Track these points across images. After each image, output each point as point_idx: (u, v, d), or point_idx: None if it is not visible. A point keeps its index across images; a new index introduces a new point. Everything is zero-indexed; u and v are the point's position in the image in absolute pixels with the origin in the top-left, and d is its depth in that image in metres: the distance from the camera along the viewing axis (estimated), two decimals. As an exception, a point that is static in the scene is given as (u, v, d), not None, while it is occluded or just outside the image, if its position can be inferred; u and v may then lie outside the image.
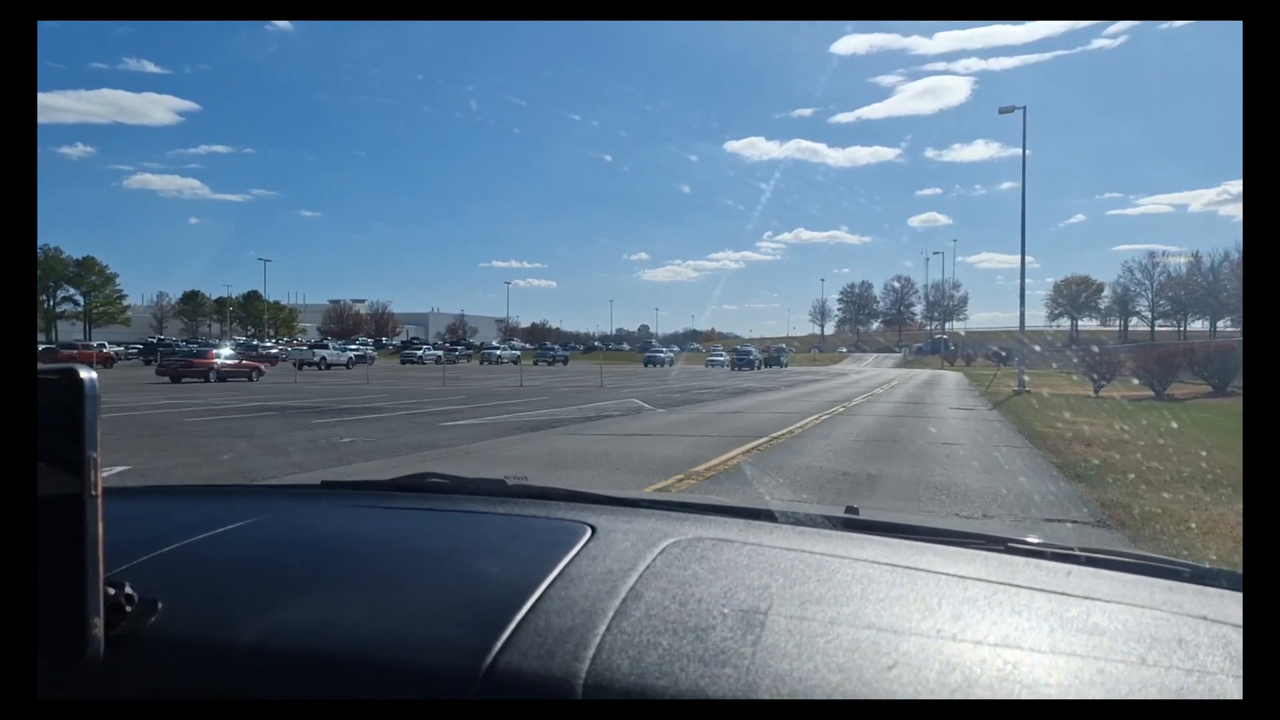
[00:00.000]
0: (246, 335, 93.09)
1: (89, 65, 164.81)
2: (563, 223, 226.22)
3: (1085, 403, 23.12)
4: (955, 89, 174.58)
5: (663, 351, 79.69)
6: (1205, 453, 9.98)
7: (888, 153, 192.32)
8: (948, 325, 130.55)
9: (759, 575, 0.96)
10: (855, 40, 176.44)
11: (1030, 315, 35.06)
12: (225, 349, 36.83)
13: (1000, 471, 9.55)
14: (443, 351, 76.80)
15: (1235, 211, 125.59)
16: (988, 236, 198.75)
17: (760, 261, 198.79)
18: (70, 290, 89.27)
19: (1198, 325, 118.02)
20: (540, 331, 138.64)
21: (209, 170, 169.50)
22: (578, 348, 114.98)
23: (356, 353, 58.58)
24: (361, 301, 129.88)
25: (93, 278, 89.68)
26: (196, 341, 60.83)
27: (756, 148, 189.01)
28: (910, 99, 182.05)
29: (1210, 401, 23.10)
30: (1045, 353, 48.85)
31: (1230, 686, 0.74)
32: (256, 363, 36.28)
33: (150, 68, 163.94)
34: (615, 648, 0.79)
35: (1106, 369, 28.75)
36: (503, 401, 21.81)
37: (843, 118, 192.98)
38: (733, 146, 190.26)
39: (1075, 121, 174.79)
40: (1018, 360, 34.01)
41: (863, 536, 1.17)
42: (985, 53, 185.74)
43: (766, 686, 0.73)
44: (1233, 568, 1.04)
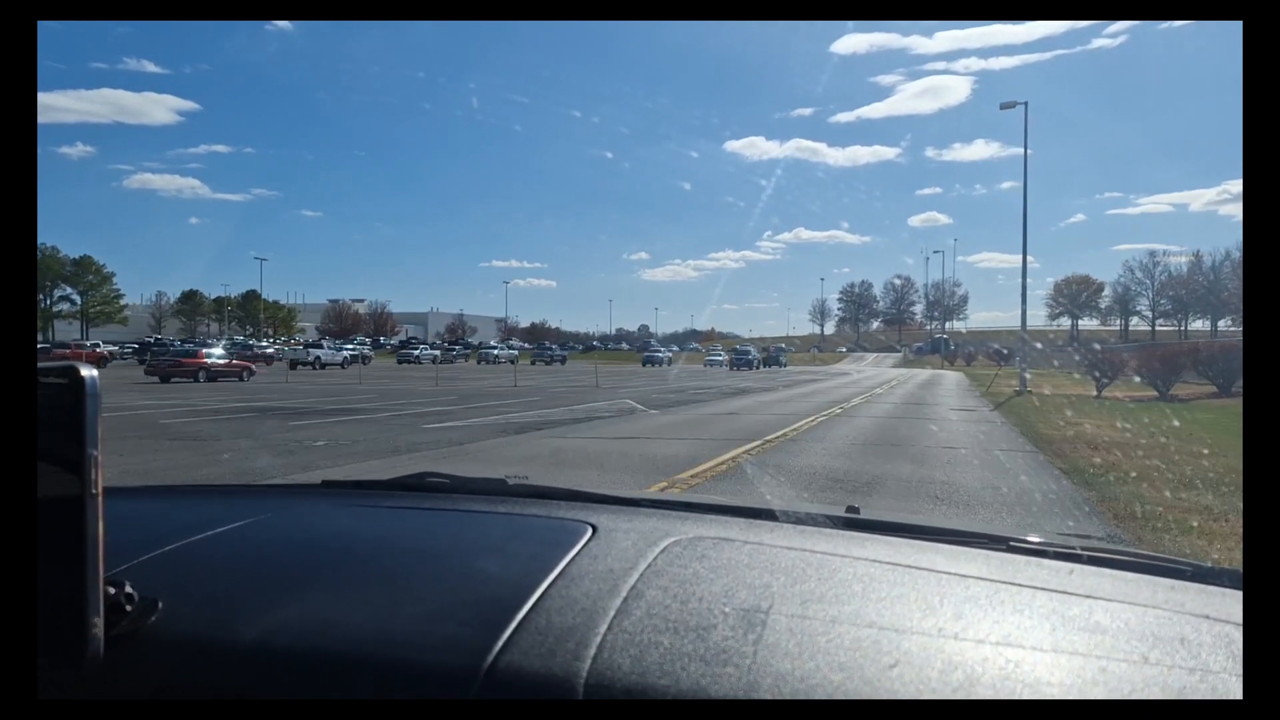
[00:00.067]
0: (245, 335, 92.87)
1: (89, 65, 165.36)
2: (563, 222, 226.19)
3: (1088, 403, 22.79)
4: (955, 88, 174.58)
5: (661, 351, 79.10)
6: (1225, 457, 9.54)
7: (888, 152, 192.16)
8: (948, 325, 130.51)
9: (760, 574, 0.96)
10: (855, 40, 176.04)
11: (1030, 315, 34.92)
12: (216, 349, 36.61)
13: (1004, 476, 9.10)
14: (440, 351, 76.90)
15: (1235, 211, 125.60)
16: (988, 236, 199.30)
17: (760, 261, 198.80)
18: (67, 289, 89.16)
19: (1198, 325, 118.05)
20: (539, 331, 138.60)
21: (209, 170, 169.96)
22: (577, 347, 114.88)
23: (352, 352, 58.30)
24: (360, 301, 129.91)
25: (90, 277, 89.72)
26: (193, 341, 60.57)
27: (756, 147, 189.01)
28: (910, 98, 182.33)
29: (1215, 402, 22.82)
30: (1047, 352, 48.59)
31: (1233, 686, 0.74)
32: (248, 363, 36.11)
33: (150, 67, 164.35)
34: (617, 647, 0.79)
35: (1109, 369, 28.30)
36: (493, 402, 21.41)
37: (843, 117, 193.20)
38: (733, 146, 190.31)
39: (1075, 121, 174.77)
40: (1019, 360, 33.69)
41: (864, 535, 1.17)
42: (985, 52, 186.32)
43: (768, 686, 0.73)
44: (1235, 566, 1.02)
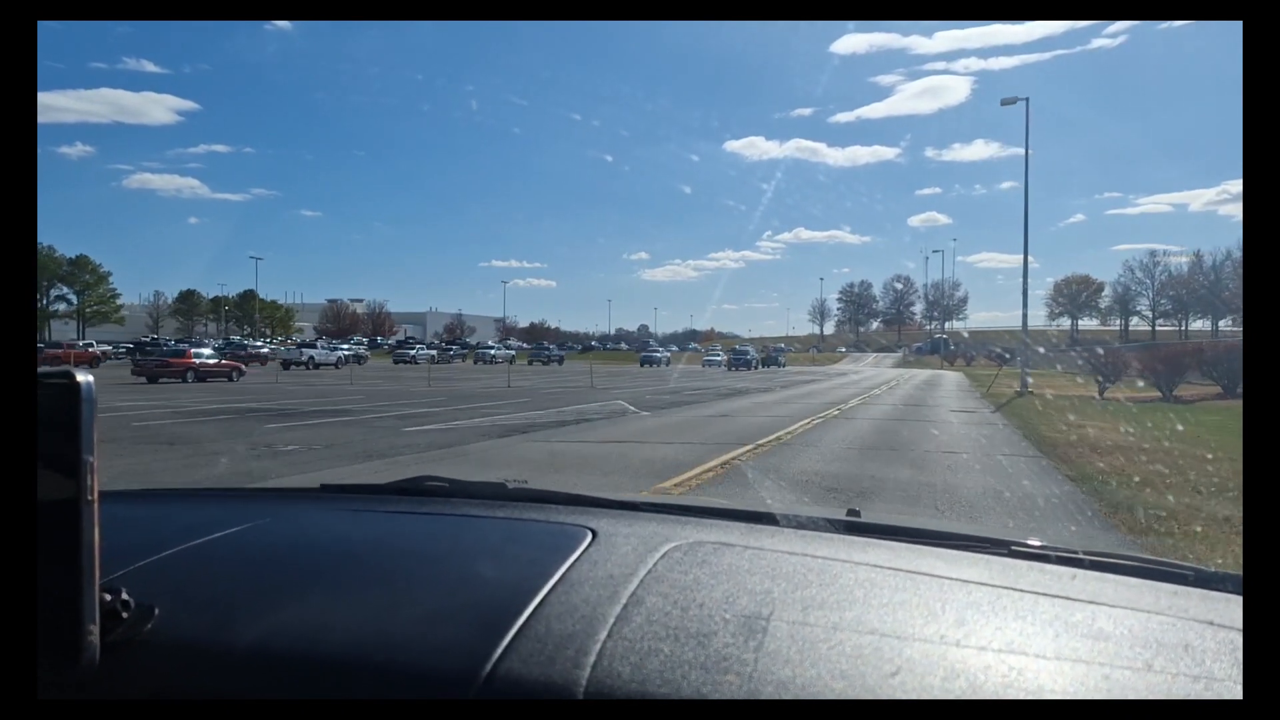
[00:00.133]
0: (242, 334, 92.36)
1: (89, 65, 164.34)
2: (562, 222, 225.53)
3: (1091, 405, 22.31)
4: (955, 88, 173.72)
5: (659, 351, 78.34)
6: (1234, 461, 9.06)
7: (887, 152, 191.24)
8: (947, 325, 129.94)
9: (761, 580, 0.95)
10: (855, 40, 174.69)
11: (1030, 314, 34.40)
12: (205, 349, 36.19)
13: (1007, 479, 8.61)
14: (437, 351, 76.37)
15: (1235, 211, 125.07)
16: (987, 236, 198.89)
17: (760, 261, 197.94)
18: (63, 289, 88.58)
19: (1199, 325, 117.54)
20: (539, 331, 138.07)
21: (208, 170, 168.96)
22: (575, 347, 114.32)
23: (348, 352, 57.79)
24: (359, 301, 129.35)
25: (86, 276, 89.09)
26: (187, 341, 60.19)
27: (756, 147, 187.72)
28: (910, 99, 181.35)
29: (1221, 403, 22.37)
30: (1048, 353, 48.12)
31: (1236, 693, 0.74)
32: (237, 363, 35.64)
33: (150, 67, 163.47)
34: (616, 654, 0.78)
35: (1112, 370, 27.83)
36: (482, 404, 20.91)
37: (842, 117, 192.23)
38: (733, 146, 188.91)
39: (1075, 121, 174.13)
40: (1020, 360, 33.18)
41: (865, 540, 1.15)
42: (985, 52, 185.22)
43: (769, 694, 0.73)
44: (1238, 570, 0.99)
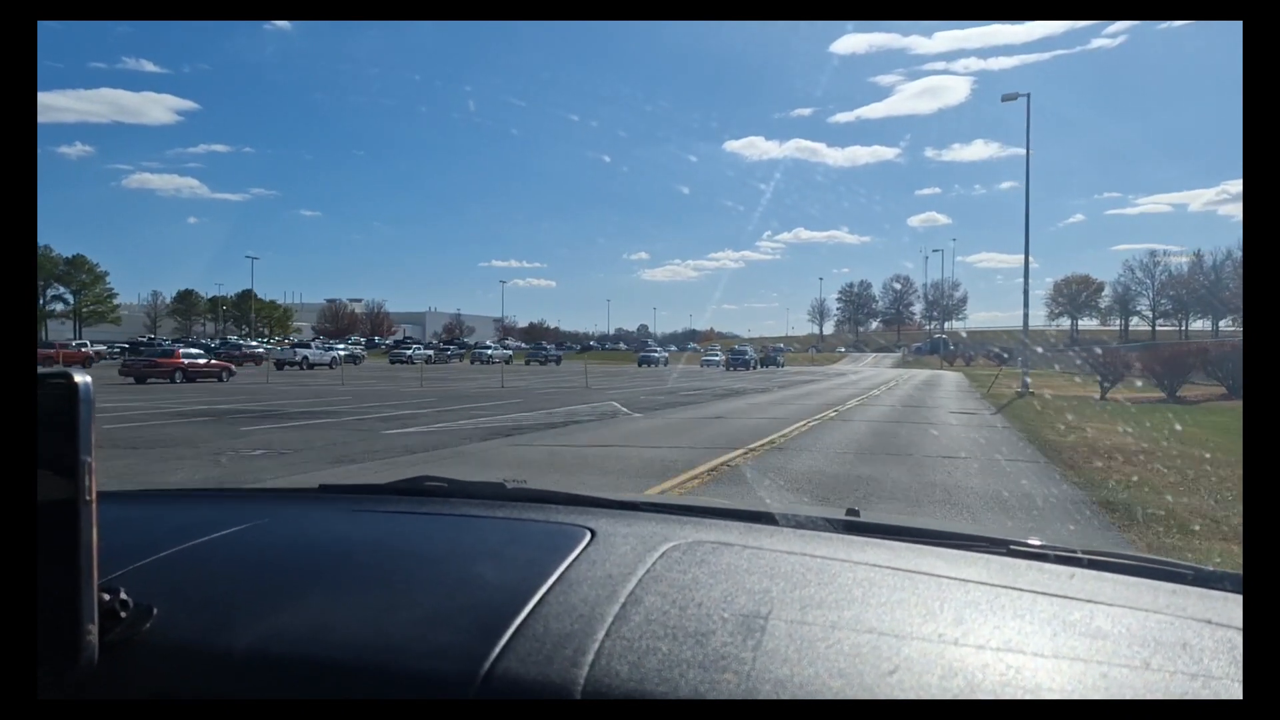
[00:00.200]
0: (240, 334, 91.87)
1: (88, 65, 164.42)
2: (562, 223, 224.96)
3: (1093, 406, 21.91)
4: (954, 89, 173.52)
5: (657, 351, 77.94)
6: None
7: (887, 152, 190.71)
8: (947, 325, 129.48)
9: (759, 579, 0.95)
10: (855, 40, 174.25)
11: (1030, 314, 33.97)
12: (194, 349, 35.86)
13: (1009, 485, 8.20)
14: (434, 351, 75.95)
15: (1235, 211, 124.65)
16: (987, 236, 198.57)
17: (760, 261, 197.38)
18: (60, 289, 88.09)
19: (1199, 325, 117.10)
20: (538, 331, 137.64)
21: (208, 170, 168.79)
22: (574, 347, 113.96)
23: (344, 352, 57.36)
24: (358, 301, 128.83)
25: (82, 276, 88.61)
26: (180, 341, 59.79)
27: (756, 147, 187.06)
28: (910, 99, 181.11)
29: (1225, 404, 21.95)
30: (1047, 353, 47.70)
31: (1234, 691, 0.74)
32: (228, 363, 35.33)
33: (149, 67, 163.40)
34: (614, 653, 0.78)
35: (1113, 370, 27.42)
36: (472, 405, 20.50)
37: (842, 117, 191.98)
38: (732, 146, 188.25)
39: (1075, 121, 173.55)
40: (1020, 361, 32.77)
41: (864, 540, 1.15)
42: (984, 52, 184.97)
43: (767, 692, 0.73)
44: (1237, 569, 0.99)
